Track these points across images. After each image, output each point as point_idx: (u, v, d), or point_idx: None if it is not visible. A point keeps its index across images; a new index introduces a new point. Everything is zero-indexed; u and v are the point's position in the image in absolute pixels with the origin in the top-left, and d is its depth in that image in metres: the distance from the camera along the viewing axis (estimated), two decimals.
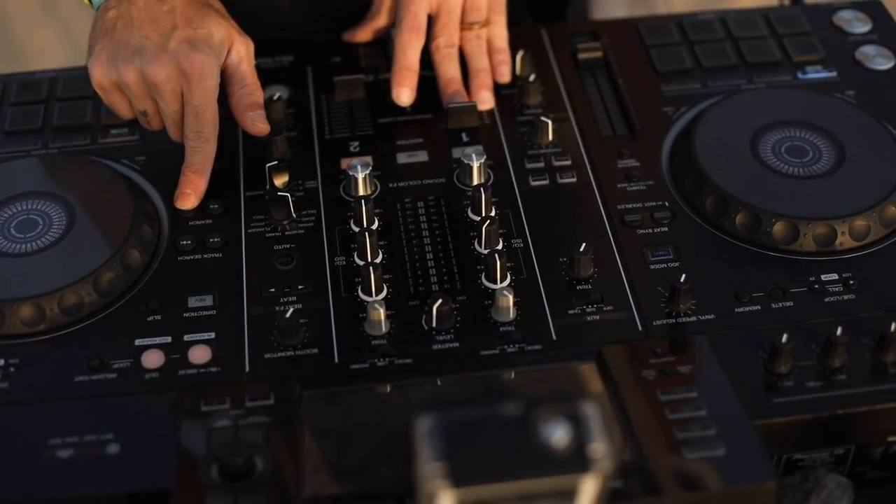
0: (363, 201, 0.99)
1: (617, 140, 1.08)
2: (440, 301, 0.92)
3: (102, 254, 0.96)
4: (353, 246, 0.99)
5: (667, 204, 1.02)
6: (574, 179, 1.04)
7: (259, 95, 1.04)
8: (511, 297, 0.92)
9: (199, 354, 0.92)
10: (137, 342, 0.92)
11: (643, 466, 0.80)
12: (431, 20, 1.11)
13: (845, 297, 0.94)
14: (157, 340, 0.92)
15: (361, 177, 1.02)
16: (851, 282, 0.95)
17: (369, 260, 0.97)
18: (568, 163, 1.06)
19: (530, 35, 1.19)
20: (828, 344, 0.89)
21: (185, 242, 1.00)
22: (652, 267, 0.97)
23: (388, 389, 0.89)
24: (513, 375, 0.90)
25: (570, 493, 0.67)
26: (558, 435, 0.65)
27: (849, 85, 1.13)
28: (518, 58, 1.14)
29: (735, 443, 0.82)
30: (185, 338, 0.92)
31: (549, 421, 0.66)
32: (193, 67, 0.98)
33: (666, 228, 1.00)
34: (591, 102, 1.12)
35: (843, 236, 0.97)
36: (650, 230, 1.00)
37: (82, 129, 1.10)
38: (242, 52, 1.03)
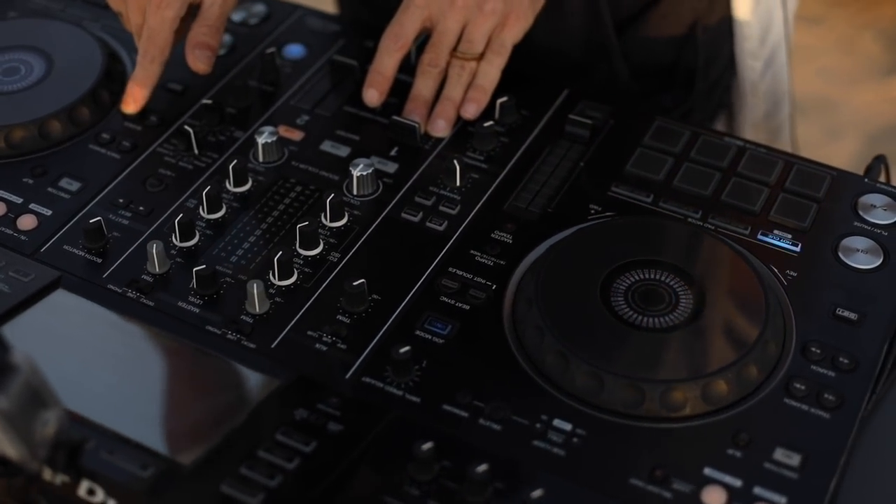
0: (235, 163, 1.04)
1: (522, 213, 1.02)
2: (203, 266, 0.96)
3: (28, 115, 1.09)
4: None
5: (493, 288, 0.96)
6: (440, 228, 1.01)
7: (213, 38, 1.11)
8: (256, 290, 0.94)
9: (26, 222, 1.03)
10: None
11: (169, 474, 0.81)
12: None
13: (555, 449, 0.85)
14: (12, 197, 1.05)
15: (262, 143, 1.07)
16: (575, 439, 0.86)
17: (205, 211, 1.02)
18: (452, 212, 1.03)
19: (549, 90, 1.14)
20: (467, 476, 0.82)
21: (104, 136, 1.10)
22: (417, 332, 0.93)
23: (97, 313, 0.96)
24: (209, 357, 0.92)
25: None
26: None
27: (799, 266, 0.98)
28: (498, 102, 1.10)
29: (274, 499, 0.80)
30: (31, 206, 1.04)
31: None
32: None
33: (468, 307, 0.95)
34: (537, 170, 1.06)
35: (609, 395, 0.87)
36: (453, 302, 0.95)
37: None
38: None
